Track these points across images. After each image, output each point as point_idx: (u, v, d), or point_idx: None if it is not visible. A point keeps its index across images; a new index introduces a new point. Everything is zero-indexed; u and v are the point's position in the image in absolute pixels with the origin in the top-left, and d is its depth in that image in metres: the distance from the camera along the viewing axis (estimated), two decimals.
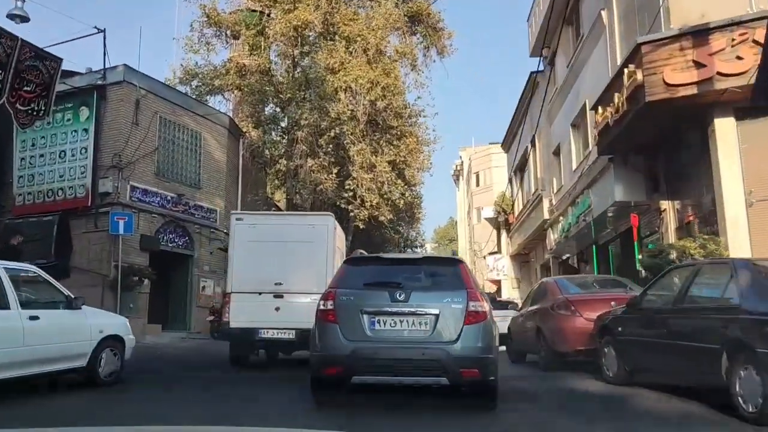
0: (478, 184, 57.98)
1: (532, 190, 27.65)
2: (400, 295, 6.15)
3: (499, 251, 35.37)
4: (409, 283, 6.44)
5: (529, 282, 33.49)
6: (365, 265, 7.28)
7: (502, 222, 33.98)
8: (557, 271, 27.48)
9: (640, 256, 16.19)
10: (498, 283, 34.73)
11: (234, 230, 10.87)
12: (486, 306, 6.25)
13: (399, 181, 26.99)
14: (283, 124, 26.57)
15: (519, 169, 31.42)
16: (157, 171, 20.94)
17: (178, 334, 21.26)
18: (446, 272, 6.69)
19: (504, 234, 34.24)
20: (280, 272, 10.08)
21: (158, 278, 21.81)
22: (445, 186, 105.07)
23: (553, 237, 23.20)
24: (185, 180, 22.19)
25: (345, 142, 25.76)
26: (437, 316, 6.07)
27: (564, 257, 25.77)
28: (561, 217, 21.73)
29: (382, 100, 24.79)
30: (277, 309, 9.97)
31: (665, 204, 15.19)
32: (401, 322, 6.11)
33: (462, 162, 67.14)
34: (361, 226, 27.64)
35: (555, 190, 23.97)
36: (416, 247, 39.98)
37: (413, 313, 6.11)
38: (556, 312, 10.37)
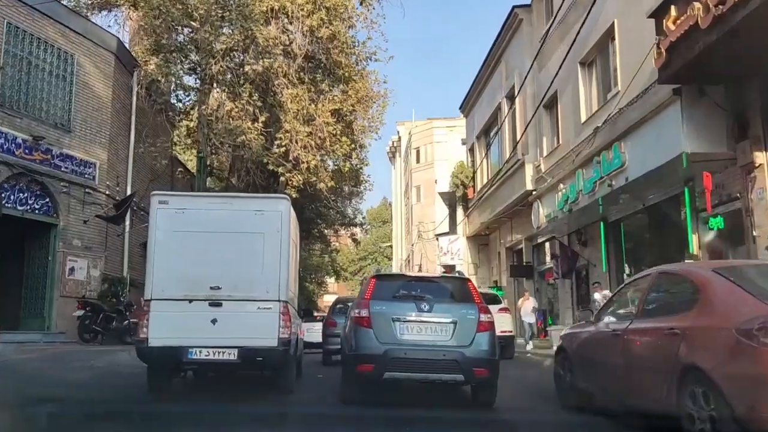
0: (418, 161, 52.84)
1: (506, 157, 22.42)
2: (425, 307, 7.36)
3: (452, 231, 30.27)
4: (431, 296, 7.55)
5: (488, 268, 28.50)
6: (392, 280, 8.66)
7: (459, 197, 28.85)
8: (534, 255, 22.45)
9: (707, 235, 11.19)
10: (451, 268, 29.61)
11: (155, 216, 7.97)
12: (492, 317, 7.49)
13: (344, 138, 21.15)
14: (194, 57, 20.08)
15: (484, 132, 26.17)
16: (1, 99, 14.23)
17: (32, 335, 14.75)
18: (458, 288, 8.07)
19: (460, 212, 29.13)
20: (217, 273, 7.71)
21: None
22: (378, 164, 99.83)
23: (543, 212, 18.02)
24: (46, 118, 15.54)
25: (276, 83, 19.66)
26: (455, 324, 7.25)
27: (542, 239, 20.74)
28: (561, 185, 16.51)
29: (327, 27, 18.83)
30: (214, 321, 7.55)
31: (761, 157, 10.14)
32: (426, 328, 7.29)
33: (400, 138, 61.81)
34: (293, 195, 21.61)
35: (545, 153, 18.78)
36: (355, 225, 34.26)
37: (436, 322, 7.29)
38: (760, 342, 4.64)
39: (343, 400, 7.59)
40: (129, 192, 18.53)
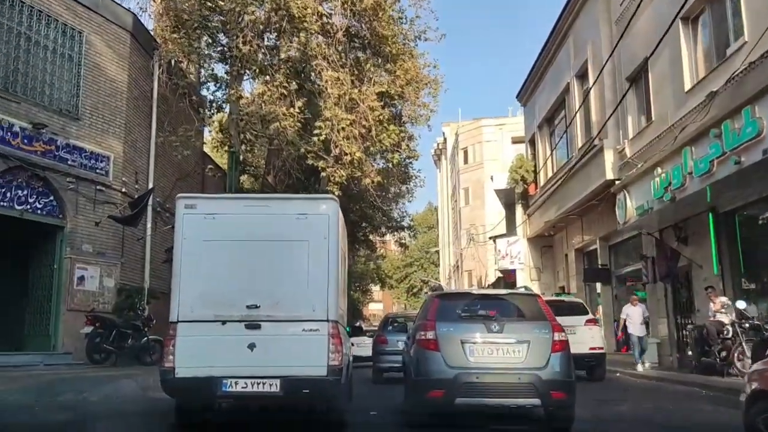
0: (466, 162, 49.97)
1: (577, 145, 19.47)
2: (494, 327, 6.80)
3: (509, 233, 27.32)
4: (500, 315, 7.01)
5: (552, 272, 25.46)
6: (456, 299, 7.89)
7: (518, 195, 25.93)
8: (611, 256, 19.40)
9: None
10: (510, 274, 26.67)
11: (182, 223, 6.65)
12: (566, 336, 6.90)
13: (392, 126, 18.56)
14: (222, 39, 17.79)
15: (547, 121, 23.23)
16: None
17: (33, 357, 12.52)
18: (528, 305, 7.40)
19: (519, 211, 26.19)
20: (255, 289, 6.49)
21: None
22: (423, 168, 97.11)
23: (631, 204, 15.01)
24: (49, 103, 13.36)
25: (314, 65, 17.22)
26: (529, 345, 6.69)
27: (626, 236, 17.67)
28: (658, 169, 13.50)
29: None
30: (252, 346, 6.33)
31: None
32: (497, 350, 6.71)
33: (445, 139, 59.06)
34: (336, 193, 19.13)
35: (631, 134, 15.79)
36: (402, 229, 31.59)
37: (507, 343, 6.72)
38: None
39: (410, 425, 7.18)
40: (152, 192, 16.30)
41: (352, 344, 10.46)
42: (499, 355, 6.66)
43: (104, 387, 9.60)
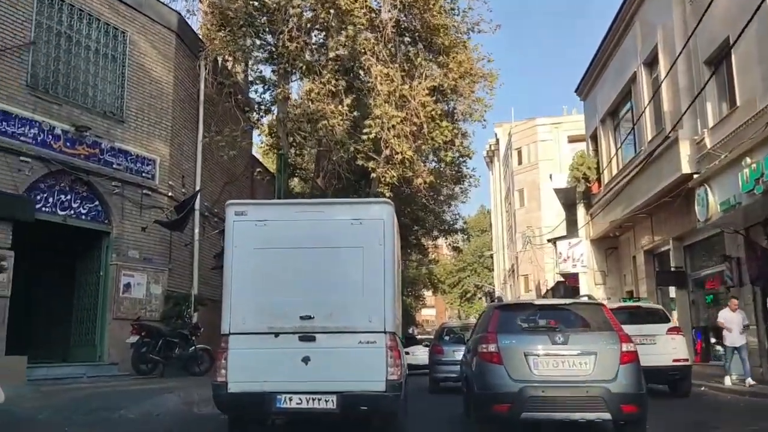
0: (520, 162, 48.49)
1: (647, 138, 18.06)
2: (559, 339, 6.64)
3: (570, 234, 25.89)
4: (563, 326, 6.93)
5: (618, 276, 23.93)
6: (517, 310, 7.70)
7: (580, 194, 24.53)
8: (686, 258, 17.89)
9: None
10: (572, 278, 25.23)
11: (232, 231, 6.49)
12: (635, 347, 6.70)
13: (444, 123, 17.58)
14: (269, 39, 17.19)
15: (610, 114, 21.83)
16: (33, 82, 11.70)
17: (77, 368, 12.06)
18: (593, 315, 7.25)
19: (581, 211, 24.79)
20: (308, 299, 6.24)
21: (39, 270, 12.83)
22: (476, 168, 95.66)
23: (713, 199, 13.61)
24: (92, 105, 12.95)
25: (362, 60, 16.43)
26: (596, 356, 6.50)
27: (707, 235, 16.19)
28: (747, 159, 12.11)
29: None
30: (306, 360, 6.06)
31: None
32: (563, 362, 6.51)
33: (497, 140, 57.64)
34: (386, 194, 18.29)
35: (711, 123, 14.39)
36: (455, 232, 30.49)
37: (574, 354, 6.52)
38: None
39: None
40: (198, 195, 15.79)
41: (407, 353, 10.15)
42: (564, 368, 6.52)
43: (145, 402, 8.95)
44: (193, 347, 13.35)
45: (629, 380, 6.40)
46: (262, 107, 19.80)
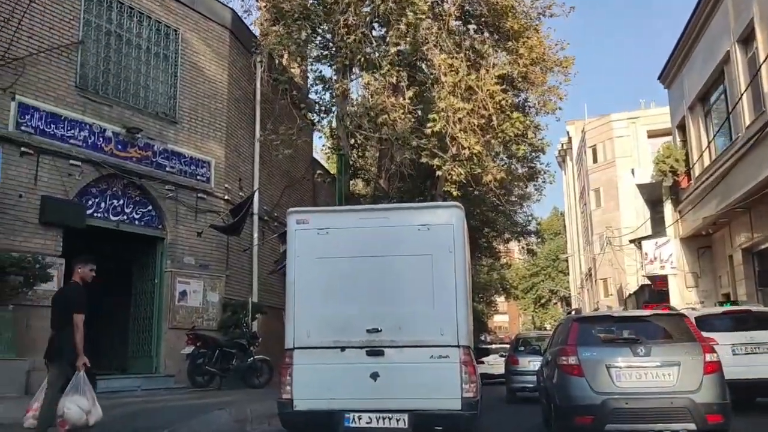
0: (595, 161, 46.14)
1: (744, 123, 16.19)
2: (640, 350, 6.61)
3: (656, 234, 23.91)
4: (644, 338, 6.84)
5: (712, 278, 21.83)
6: (596, 323, 7.70)
7: (666, 189, 22.59)
8: None
9: None
10: (660, 281, 23.24)
11: (294, 240, 6.22)
12: (718, 357, 6.66)
13: (515, 114, 16.32)
14: (325, 31, 16.43)
15: (700, 100, 19.90)
16: (82, 83, 11.28)
17: (132, 381, 11.51)
18: (674, 326, 7.25)
19: (668, 208, 22.82)
20: (375, 310, 5.90)
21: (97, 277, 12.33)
22: (551, 163, 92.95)
23: None
24: (144, 106, 12.47)
25: (425, 50, 15.41)
26: (679, 367, 6.49)
27: None
28: None
29: None
30: (375, 376, 5.71)
31: None
32: (645, 374, 6.54)
33: (570, 139, 55.31)
34: (454, 193, 17.18)
35: None
36: (528, 234, 28.96)
37: (657, 366, 6.54)
38: None
39: None
40: (255, 197, 15.15)
41: (481, 362, 9.73)
42: (648, 379, 6.54)
43: (193, 419, 8.16)
44: (251, 358, 12.63)
45: (713, 390, 6.43)
46: (323, 108, 19.13)
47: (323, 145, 21.33)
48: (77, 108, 11.07)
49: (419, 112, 16.76)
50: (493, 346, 27.03)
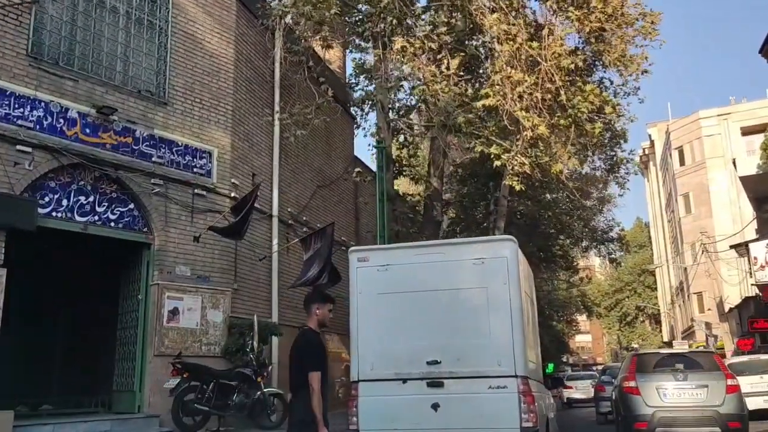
0: (682, 163, 41.43)
1: None
2: (680, 377, 9.19)
3: (764, 236, 19.72)
4: (684, 367, 9.38)
5: None
6: (648, 357, 10.39)
7: None
8: None
9: None
10: None
11: (355, 277, 6.56)
12: (737, 382, 9.34)
13: (588, 85, 13.10)
14: (362, 7, 13.81)
15: None
16: (36, 51, 8.96)
17: (98, 425, 8.96)
18: (706, 360, 9.93)
19: None
20: (434, 343, 6.16)
21: (55, 292, 10.09)
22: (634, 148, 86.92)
23: None
24: (123, 81, 10.06)
25: (474, 9, 12.50)
26: (708, 388, 9.00)
27: None
28: None
29: None
30: (435, 407, 5.96)
31: None
32: (684, 393, 9.07)
33: (652, 143, 50.59)
34: (517, 188, 14.06)
35: None
36: (610, 242, 25.12)
37: (692, 387, 9.08)
38: None
39: None
40: (275, 195, 12.57)
41: (571, 387, 12.55)
42: (685, 397, 9.03)
43: None
44: (259, 391, 9.88)
45: (733, 405, 8.91)
46: (364, 101, 16.47)
47: (369, 145, 18.61)
48: (29, 81, 8.77)
49: (470, 90, 13.80)
50: (581, 372, 31.41)
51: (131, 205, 10.02)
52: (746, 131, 36.89)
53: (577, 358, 73.25)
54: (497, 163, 13.77)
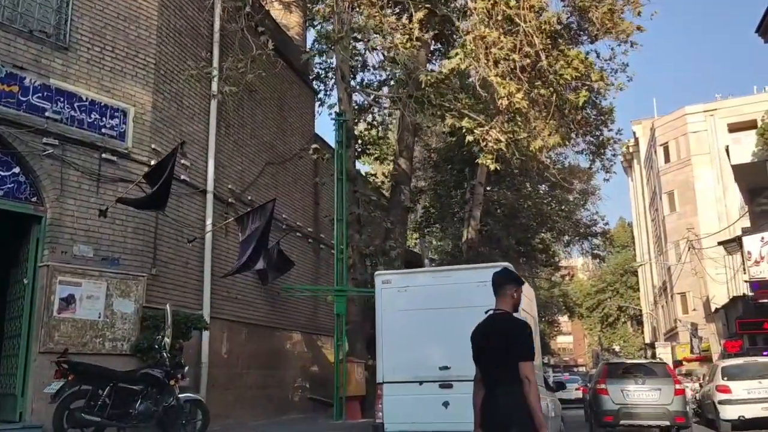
0: (667, 160, 40.02)
1: None
2: (640, 381, 11.57)
3: (757, 228, 18.10)
4: (643, 374, 11.82)
5: None
6: (616, 365, 12.98)
7: None
8: None
9: None
10: (763, 290, 17.37)
11: (381, 297, 7.82)
12: (683, 386, 12.41)
13: (572, 50, 11.43)
14: None
15: None
16: None
17: None
18: (660, 369, 12.45)
19: None
20: (445, 352, 7.28)
21: None
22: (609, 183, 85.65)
23: None
24: (11, 18, 8.19)
25: None
26: (660, 391, 11.32)
27: None
28: None
29: None
30: (446, 404, 7.16)
31: None
32: (642, 394, 11.37)
33: (636, 140, 49.16)
34: (492, 167, 12.35)
35: None
36: (594, 236, 23.52)
37: (650, 389, 11.39)
38: None
39: None
40: (210, 167, 10.75)
41: (563, 384, 12.19)
42: (643, 397, 11.33)
43: None
44: (172, 397, 8.04)
45: (679, 404, 11.31)
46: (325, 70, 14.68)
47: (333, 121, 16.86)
48: None
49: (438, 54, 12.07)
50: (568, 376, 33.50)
51: (16, 169, 8.13)
52: (733, 128, 35.57)
53: (558, 360, 71.86)
54: (469, 138, 12.05)
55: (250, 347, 11.86)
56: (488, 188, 18.72)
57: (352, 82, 14.84)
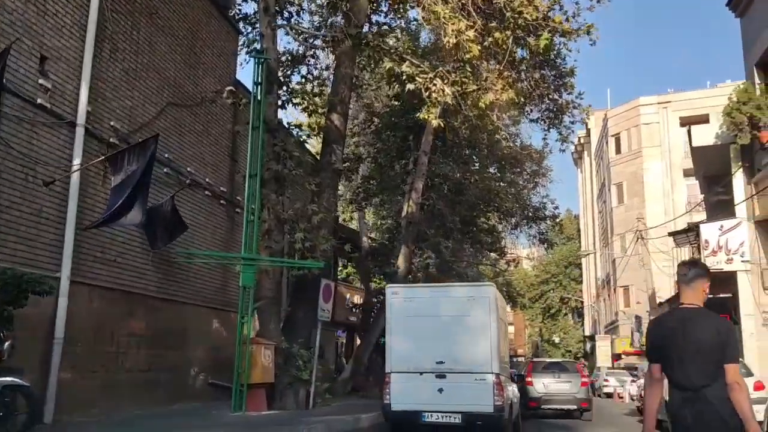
0: (618, 151, 39.25)
1: None
2: (557, 375, 14.77)
3: (720, 214, 16.82)
4: (558, 370, 15.14)
5: None
6: (539, 363, 16.50)
7: (737, 152, 15.56)
8: None
9: None
10: (725, 280, 15.99)
11: (391, 305, 9.70)
12: (588, 380, 15.55)
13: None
14: None
15: None
16: None
17: None
18: (572, 366, 15.95)
19: (740, 179, 15.73)
20: (441, 350, 9.24)
21: None
22: (560, 172, 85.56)
23: None
24: None
25: None
26: (571, 383, 14.49)
27: None
28: None
29: None
30: (440, 390, 9.02)
31: None
32: (558, 384, 14.54)
33: (588, 132, 48.33)
34: (434, 123, 10.49)
35: None
36: (543, 219, 22.05)
37: (563, 382, 14.56)
38: None
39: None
40: (83, 95, 8.51)
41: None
42: (558, 388, 14.44)
43: None
44: None
45: (585, 393, 14.47)
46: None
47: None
48: None
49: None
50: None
51: None
52: (685, 121, 34.73)
53: None
54: (410, 86, 10.15)
55: (132, 322, 9.70)
56: (433, 160, 16.87)
57: (282, 21, 12.71)
